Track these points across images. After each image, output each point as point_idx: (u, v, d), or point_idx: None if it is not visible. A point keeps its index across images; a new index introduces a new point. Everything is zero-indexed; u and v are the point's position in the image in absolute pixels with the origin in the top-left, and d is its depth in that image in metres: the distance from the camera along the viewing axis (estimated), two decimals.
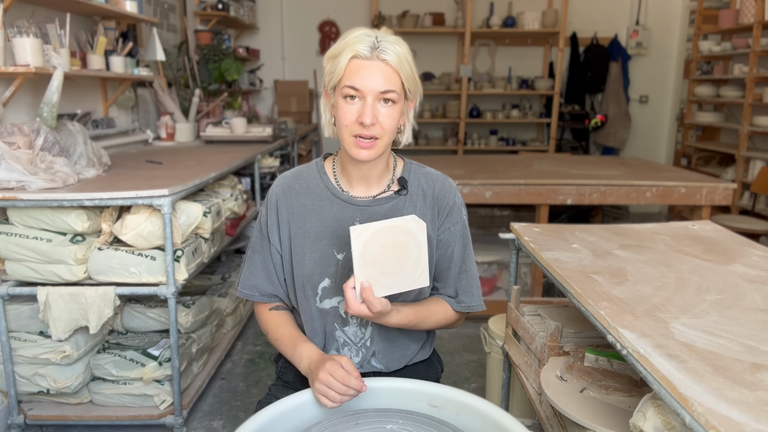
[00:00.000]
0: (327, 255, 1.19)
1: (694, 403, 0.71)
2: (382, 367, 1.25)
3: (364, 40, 1.08)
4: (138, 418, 2.07)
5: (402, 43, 1.11)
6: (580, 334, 1.42)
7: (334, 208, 1.21)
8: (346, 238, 1.18)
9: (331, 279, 1.20)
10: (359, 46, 1.07)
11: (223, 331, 2.77)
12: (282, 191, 1.23)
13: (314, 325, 1.23)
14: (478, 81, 5.47)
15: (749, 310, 1.03)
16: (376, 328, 1.22)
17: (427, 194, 1.24)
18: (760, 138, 4.66)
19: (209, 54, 4.19)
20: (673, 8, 5.69)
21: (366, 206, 1.20)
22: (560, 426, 1.24)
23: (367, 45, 1.07)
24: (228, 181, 2.76)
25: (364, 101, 1.09)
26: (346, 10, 5.55)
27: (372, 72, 1.07)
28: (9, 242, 1.90)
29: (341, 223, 1.20)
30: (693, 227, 1.64)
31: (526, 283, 3.25)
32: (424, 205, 1.23)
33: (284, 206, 1.22)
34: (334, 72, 1.10)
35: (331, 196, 1.22)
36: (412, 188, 1.23)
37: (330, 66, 1.12)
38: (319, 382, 1.05)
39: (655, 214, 5.75)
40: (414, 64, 1.13)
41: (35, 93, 2.40)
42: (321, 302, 1.21)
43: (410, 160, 1.29)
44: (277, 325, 1.25)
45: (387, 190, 1.23)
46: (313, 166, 1.27)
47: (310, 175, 1.25)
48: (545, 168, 3.36)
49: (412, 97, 1.16)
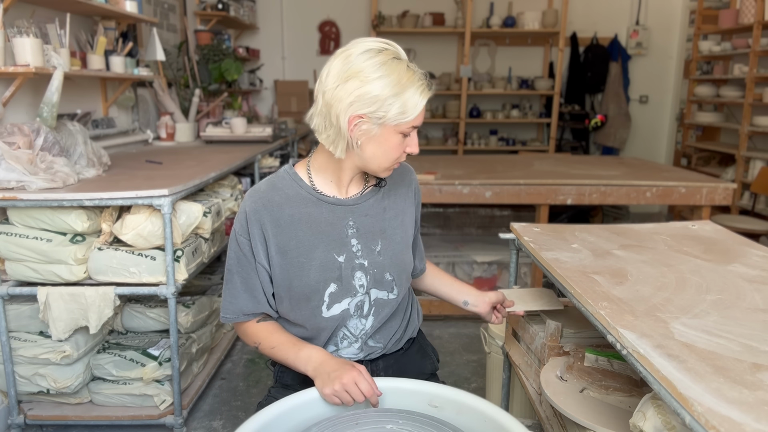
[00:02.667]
0: (328, 260, 1.18)
1: (694, 403, 0.71)
2: (380, 345, 1.27)
3: (419, 75, 1.10)
4: (138, 418, 2.07)
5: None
6: (580, 334, 1.42)
7: (324, 213, 1.20)
8: (342, 240, 1.19)
9: (337, 283, 1.19)
10: (423, 86, 1.10)
11: (223, 331, 2.77)
12: (262, 205, 1.17)
13: (319, 333, 1.22)
14: (478, 81, 5.47)
15: (749, 310, 1.03)
16: (375, 318, 1.24)
17: (402, 181, 1.30)
18: (760, 138, 4.66)
19: (209, 54, 4.19)
20: (673, 8, 5.69)
21: (355, 204, 1.22)
22: (560, 426, 1.24)
23: (425, 82, 1.11)
24: (228, 181, 2.76)
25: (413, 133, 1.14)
26: (346, 10, 5.55)
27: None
28: (9, 242, 1.90)
29: (335, 225, 1.20)
30: (693, 227, 1.64)
31: (526, 283, 3.25)
32: (407, 191, 1.30)
33: (268, 220, 1.17)
34: (406, 113, 1.09)
35: (317, 201, 1.20)
36: (387, 178, 1.27)
37: (397, 104, 1.08)
38: (343, 385, 1.05)
39: (655, 214, 5.75)
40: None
41: (35, 93, 2.40)
42: (329, 309, 1.20)
43: None
44: (270, 333, 1.22)
45: (366, 186, 1.26)
46: (284, 176, 1.22)
47: (285, 185, 1.20)
48: (545, 168, 3.36)
49: None
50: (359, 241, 1.21)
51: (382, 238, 1.23)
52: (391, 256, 1.23)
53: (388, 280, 1.23)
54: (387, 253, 1.23)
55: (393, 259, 1.23)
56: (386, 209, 1.25)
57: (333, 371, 1.08)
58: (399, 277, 1.25)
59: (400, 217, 1.27)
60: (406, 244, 1.28)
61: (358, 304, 1.22)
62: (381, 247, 1.22)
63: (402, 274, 1.25)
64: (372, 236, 1.22)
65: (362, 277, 1.21)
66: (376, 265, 1.21)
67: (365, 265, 1.21)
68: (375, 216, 1.23)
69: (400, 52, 1.11)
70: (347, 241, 1.20)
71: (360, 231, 1.21)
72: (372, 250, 1.21)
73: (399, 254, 1.25)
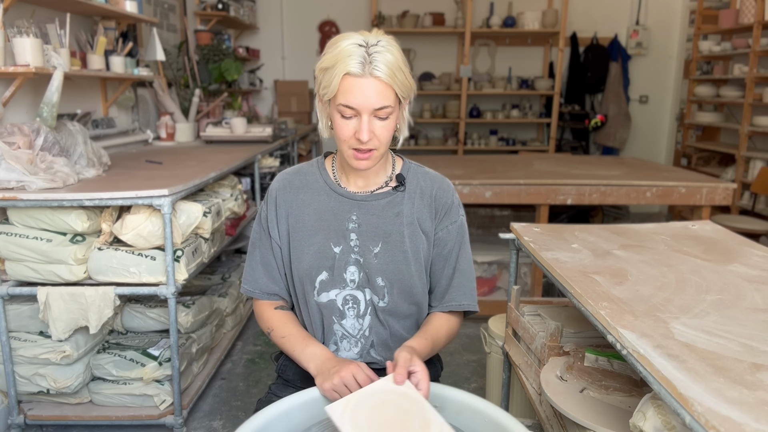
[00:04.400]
0: (324, 248, 1.21)
1: (694, 403, 0.71)
2: (381, 359, 1.26)
3: (354, 54, 1.05)
4: (138, 418, 2.07)
5: (393, 47, 1.08)
6: (580, 334, 1.42)
7: (331, 202, 1.23)
8: (342, 231, 1.21)
9: (329, 272, 1.21)
10: (350, 62, 1.05)
11: (223, 331, 2.77)
12: (282, 186, 1.26)
13: (313, 320, 1.25)
14: (478, 81, 5.47)
15: (749, 310, 1.03)
16: (374, 320, 1.24)
17: (425, 193, 1.25)
18: (760, 138, 4.66)
19: (209, 54, 4.19)
20: (673, 8, 5.69)
21: (363, 200, 1.23)
22: (560, 426, 1.24)
23: (358, 60, 1.05)
24: (228, 181, 2.76)
25: (360, 118, 1.09)
26: (346, 10, 5.55)
27: (365, 90, 1.06)
28: (9, 242, 1.90)
29: (337, 216, 1.22)
30: (693, 227, 1.64)
31: (526, 283, 3.25)
32: (422, 203, 1.25)
33: (283, 201, 1.25)
34: (329, 88, 1.08)
35: (329, 190, 1.24)
36: (410, 186, 1.25)
37: (323, 79, 1.09)
38: (341, 379, 1.05)
39: (655, 214, 5.75)
40: (406, 65, 1.11)
41: (35, 93, 2.40)
42: (318, 296, 1.22)
43: (410, 160, 1.31)
44: (284, 322, 1.26)
45: (385, 186, 1.25)
46: (314, 163, 1.30)
47: (310, 171, 1.28)
48: (545, 168, 3.36)
49: (405, 98, 1.15)
50: (359, 237, 1.21)
51: (385, 241, 1.21)
52: (388, 263, 1.20)
53: (380, 285, 1.21)
54: (383, 257, 1.20)
55: (389, 266, 1.20)
56: (400, 214, 1.22)
57: (332, 367, 1.09)
58: (392, 287, 1.21)
59: (414, 226, 1.23)
60: (416, 256, 1.22)
61: (347, 298, 1.22)
62: (379, 249, 1.21)
63: (396, 285, 1.20)
64: (373, 236, 1.21)
65: (355, 273, 1.21)
66: (370, 266, 1.21)
67: (360, 262, 1.21)
68: (383, 218, 1.22)
69: (370, 39, 1.07)
70: (347, 234, 1.21)
71: (361, 227, 1.21)
72: (369, 249, 1.21)
73: (399, 263, 1.20)
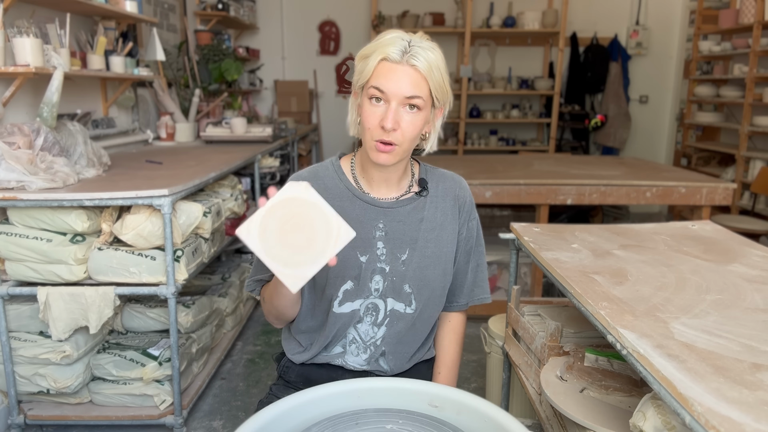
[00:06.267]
0: (349, 257, 1.18)
1: (694, 403, 0.71)
2: (388, 368, 1.25)
3: (396, 43, 1.07)
4: (138, 418, 2.07)
5: (436, 50, 1.09)
6: (580, 334, 1.42)
7: (357, 210, 1.19)
8: (369, 240, 1.18)
9: (354, 282, 1.19)
10: (390, 48, 1.06)
11: (223, 331, 2.77)
12: None
13: (326, 327, 1.22)
14: (478, 81, 5.47)
15: (749, 310, 1.03)
16: (388, 329, 1.22)
17: (447, 194, 1.25)
18: (760, 138, 4.66)
19: (209, 54, 4.19)
20: (673, 8, 5.69)
21: (389, 208, 1.20)
22: (560, 426, 1.24)
23: (399, 48, 1.06)
24: (228, 181, 2.76)
25: (389, 105, 1.08)
26: (346, 10, 5.55)
27: (399, 76, 1.06)
28: (9, 242, 1.90)
29: (364, 225, 1.18)
30: (693, 227, 1.64)
31: (526, 283, 3.25)
32: (446, 205, 1.25)
33: None
34: (363, 72, 1.09)
35: (352, 197, 1.20)
36: (432, 189, 1.24)
37: (360, 66, 1.11)
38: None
39: (655, 214, 5.75)
40: (446, 73, 1.11)
41: (35, 93, 2.40)
42: (340, 306, 1.19)
43: (423, 162, 1.30)
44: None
45: (408, 192, 1.23)
46: (329, 166, 1.24)
47: (327, 175, 1.22)
48: (545, 168, 3.36)
49: (440, 105, 1.14)
50: (386, 245, 1.19)
51: (412, 248, 1.20)
52: (416, 269, 1.20)
53: (407, 292, 1.20)
54: (412, 264, 1.20)
55: (417, 272, 1.20)
56: (423, 220, 1.22)
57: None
58: (420, 293, 1.21)
59: (437, 230, 1.23)
60: (439, 260, 1.22)
61: (370, 306, 1.20)
62: (407, 256, 1.20)
63: (424, 290, 1.21)
64: (400, 243, 1.20)
65: (380, 282, 1.19)
66: (397, 273, 1.19)
67: (386, 271, 1.19)
68: (409, 224, 1.21)
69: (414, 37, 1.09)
70: (373, 242, 1.19)
71: (389, 235, 1.19)
72: (397, 257, 1.19)
73: (425, 269, 1.20)
